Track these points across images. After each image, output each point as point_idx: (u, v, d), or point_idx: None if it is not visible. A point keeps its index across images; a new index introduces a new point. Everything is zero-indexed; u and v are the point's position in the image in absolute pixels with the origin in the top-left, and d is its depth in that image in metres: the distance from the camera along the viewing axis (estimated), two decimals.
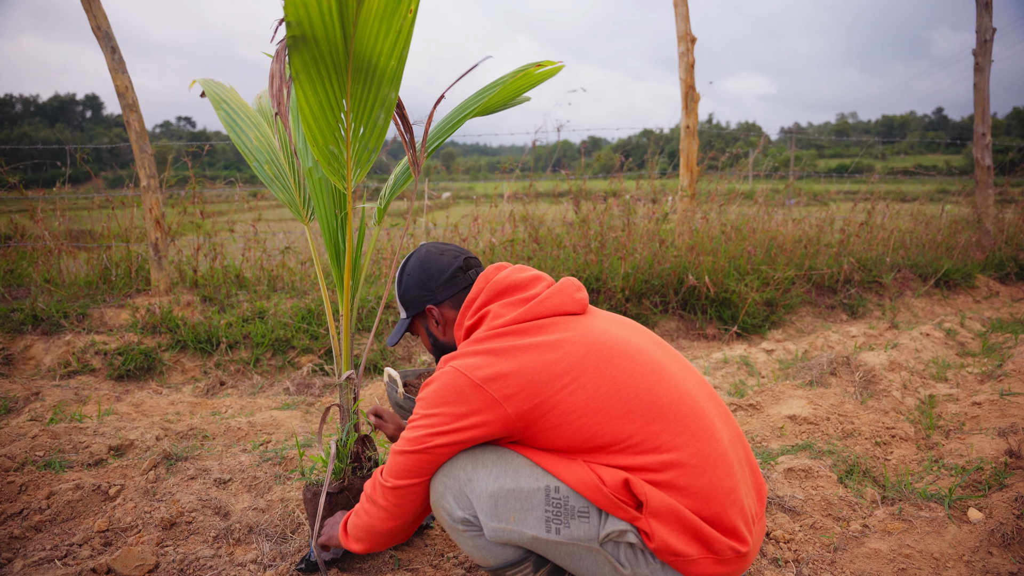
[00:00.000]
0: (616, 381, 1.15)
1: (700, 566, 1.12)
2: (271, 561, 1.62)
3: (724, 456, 1.16)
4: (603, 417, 1.14)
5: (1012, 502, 1.70)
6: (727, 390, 2.97)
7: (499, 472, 1.17)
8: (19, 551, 1.60)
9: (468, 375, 1.16)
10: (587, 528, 1.13)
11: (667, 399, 1.16)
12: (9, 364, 3.29)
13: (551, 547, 1.16)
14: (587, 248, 4.29)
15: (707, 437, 1.16)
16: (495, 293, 1.31)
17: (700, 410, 1.18)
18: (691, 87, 4.78)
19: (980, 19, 5.88)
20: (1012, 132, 28.56)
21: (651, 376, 1.18)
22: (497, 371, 1.15)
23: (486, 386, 1.14)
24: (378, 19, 1.20)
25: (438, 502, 1.22)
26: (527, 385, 1.14)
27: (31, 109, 49.19)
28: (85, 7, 3.67)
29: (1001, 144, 9.81)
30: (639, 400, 1.15)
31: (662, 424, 1.14)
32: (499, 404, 1.14)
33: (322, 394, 3.11)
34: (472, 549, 1.23)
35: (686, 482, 1.12)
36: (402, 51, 1.27)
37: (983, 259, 5.53)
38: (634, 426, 1.13)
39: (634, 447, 1.13)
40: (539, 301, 1.25)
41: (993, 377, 2.93)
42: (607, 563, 1.15)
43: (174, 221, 4.39)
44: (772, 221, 5.25)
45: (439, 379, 1.19)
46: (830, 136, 18.33)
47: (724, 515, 1.13)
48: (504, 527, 1.15)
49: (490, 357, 1.17)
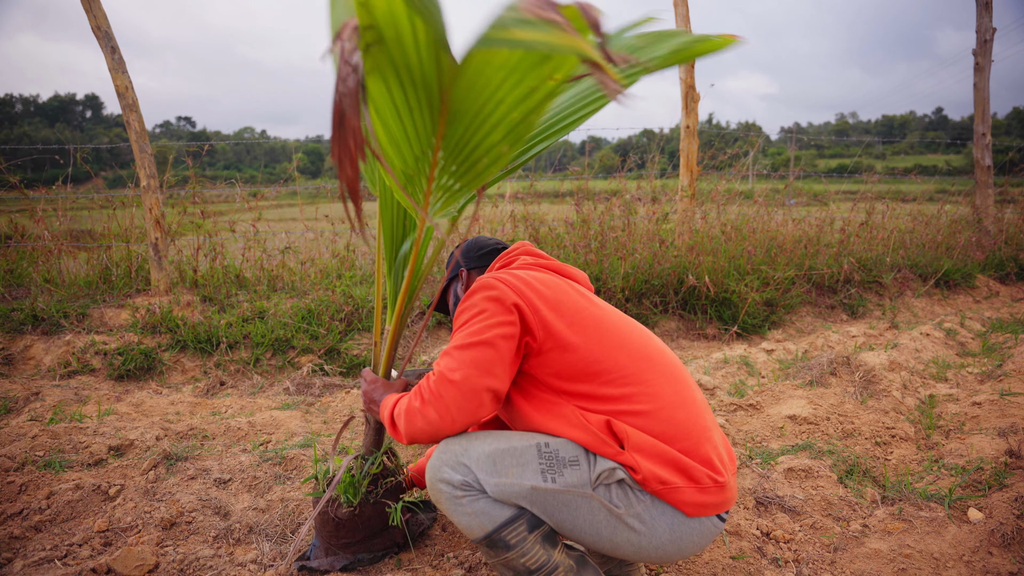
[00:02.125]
0: (615, 324, 1.35)
1: (685, 494, 1.21)
2: (271, 561, 1.62)
3: (697, 404, 1.31)
4: (605, 344, 1.29)
5: (1012, 502, 1.70)
6: (727, 390, 2.97)
7: (492, 439, 1.28)
8: (19, 551, 1.60)
9: (497, 284, 1.31)
10: (579, 474, 1.23)
11: (653, 352, 1.34)
12: (9, 364, 3.29)
13: (549, 497, 1.24)
14: (587, 248, 4.29)
15: (683, 386, 1.32)
16: (527, 252, 1.53)
17: (680, 371, 1.35)
18: (691, 87, 4.78)
19: (980, 19, 5.89)
20: (1012, 132, 28.55)
21: (643, 335, 1.38)
22: (523, 282, 1.32)
23: (513, 290, 1.29)
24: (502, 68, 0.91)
25: (436, 475, 1.27)
26: (548, 300, 1.31)
27: (31, 109, 49.19)
28: (85, 7, 3.67)
29: (1001, 144, 9.81)
30: (632, 343, 1.32)
31: (648, 364, 1.30)
32: (523, 309, 1.28)
33: (322, 394, 3.11)
34: (470, 516, 1.25)
35: (666, 415, 1.25)
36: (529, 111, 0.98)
37: (983, 259, 5.53)
38: (627, 360, 1.29)
39: (624, 378, 1.27)
40: (561, 264, 1.50)
41: (993, 377, 2.93)
42: (601, 507, 1.22)
43: (174, 221, 4.39)
44: (772, 221, 5.25)
45: (471, 292, 1.32)
46: (830, 136, 18.33)
47: (699, 448, 1.24)
48: (504, 480, 1.24)
49: (518, 273, 1.36)
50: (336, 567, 1.58)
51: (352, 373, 3.42)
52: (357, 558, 1.60)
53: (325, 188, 5.88)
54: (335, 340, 3.50)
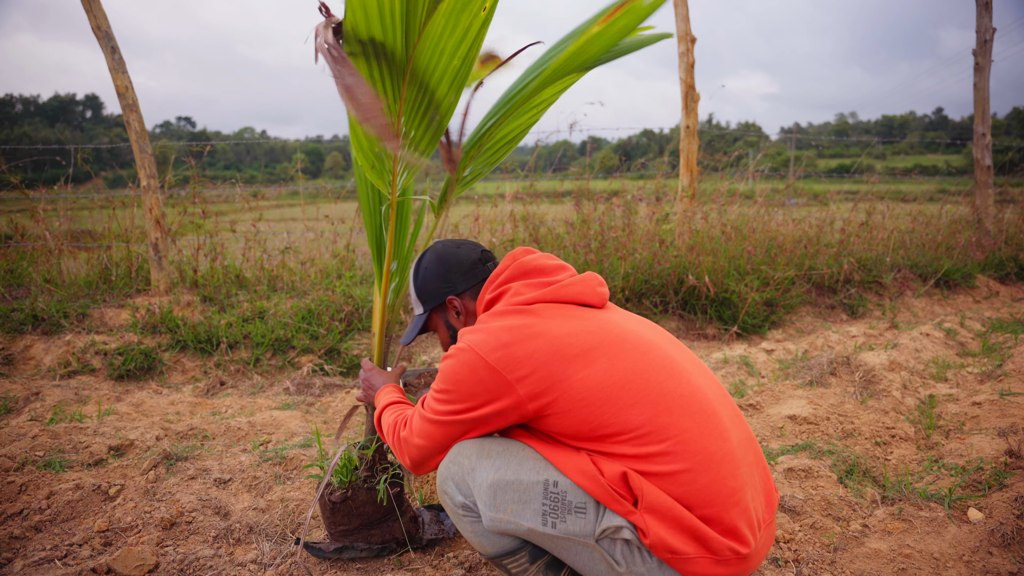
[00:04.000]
0: (628, 372, 1.16)
1: (698, 565, 1.10)
2: (271, 561, 1.62)
3: (730, 456, 1.15)
4: (612, 406, 1.14)
5: (1012, 502, 1.70)
6: (727, 390, 2.97)
7: (502, 464, 1.18)
8: (19, 551, 1.60)
9: (483, 355, 1.17)
10: (583, 524, 1.13)
11: (677, 394, 1.16)
12: (9, 364, 3.29)
13: (546, 540, 1.17)
14: (587, 248, 4.29)
15: (715, 435, 1.15)
16: (520, 272, 1.33)
17: (710, 408, 1.18)
18: (691, 87, 4.78)
19: (980, 19, 5.88)
20: (1012, 132, 28.56)
21: (663, 371, 1.18)
22: (510, 352, 1.16)
23: (499, 367, 1.16)
24: (444, 17, 1.07)
25: (441, 486, 1.26)
26: (539, 367, 1.15)
27: (31, 109, 49.22)
28: (85, 7, 3.67)
29: (1001, 144, 9.81)
30: (649, 392, 1.15)
31: (670, 418, 1.14)
32: (511, 386, 1.16)
33: (322, 394, 3.11)
34: (471, 534, 1.26)
35: (688, 478, 1.11)
36: (468, 50, 1.14)
37: (983, 259, 5.53)
38: (642, 417, 1.13)
39: (640, 438, 1.13)
40: (560, 286, 1.27)
41: (993, 377, 2.93)
42: (603, 560, 1.15)
43: (174, 221, 4.39)
44: (772, 221, 5.25)
45: (456, 355, 1.21)
46: (830, 136, 18.33)
47: (725, 515, 1.11)
48: (501, 517, 1.17)
49: (505, 334, 1.18)
50: (330, 549, 1.59)
51: (352, 373, 3.42)
52: (355, 547, 1.60)
53: (325, 188, 5.88)
54: (335, 340, 3.50)
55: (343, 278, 4.14)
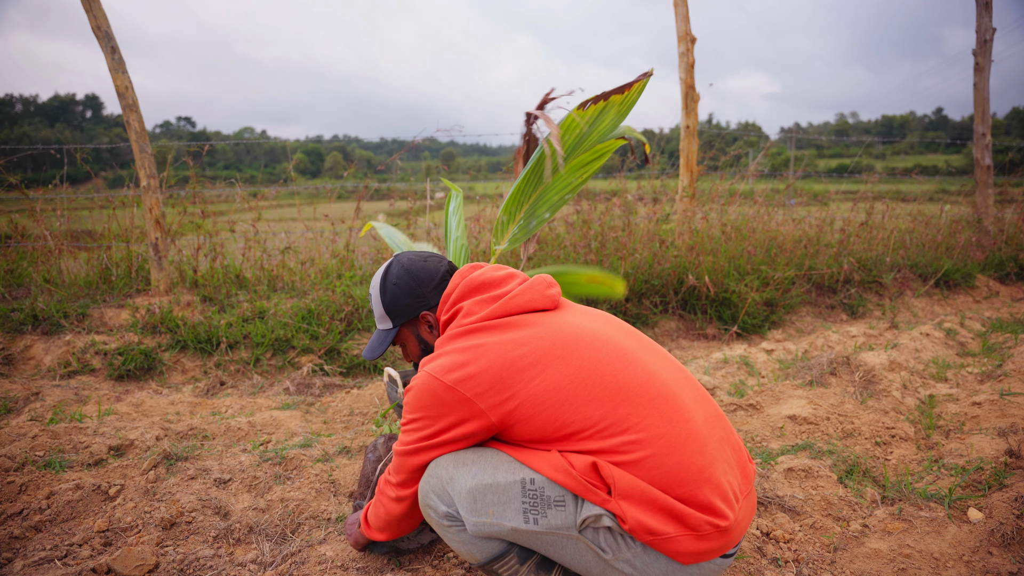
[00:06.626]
0: (581, 369, 1.20)
1: (680, 543, 1.13)
2: (271, 561, 1.62)
3: (695, 435, 1.18)
4: (570, 405, 1.18)
5: (1012, 502, 1.70)
6: (727, 390, 2.97)
7: (478, 470, 1.23)
8: (19, 551, 1.60)
9: (440, 379, 1.22)
10: (564, 516, 1.17)
11: (633, 383, 1.20)
12: (9, 364, 3.29)
13: (532, 537, 1.20)
14: (587, 248, 4.29)
15: (676, 417, 1.19)
16: (468, 290, 1.37)
17: (669, 392, 1.21)
18: (691, 87, 4.78)
19: (980, 19, 5.88)
20: (1012, 132, 28.56)
21: (617, 363, 1.22)
22: (467, 372, 1.21)
23: (458, 387, 1.21)
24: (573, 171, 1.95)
25: (424, 500, 1.28)
26: (495, 381, 1.20)
27: (31, 109, 49.20)
28: (85, 7, 3.67)
29: (1001, 144, 9.82)
30: (605, 387, 1.19)
31: (629, 408, 1.18)
32: (472, 402, 1.20)
33: (322, 394, 3.11)
34: (458, 544, 1.27)
35: (655, 462, 1.15)
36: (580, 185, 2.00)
37: (983, 259, 5.53)
38: (601, 411, 1.17)
39: (602, 431, 1.17)
40: (508, 299, 1.31)
41: (993, 377, 2.93)
42: (588, 550, 1.18)
43: (174, 221, 4.39)
44: (772, 221, 5.25)
45: (416, 385, 1.26)
46: (830, 136, 18.33)
47: (698, 492, 1.14)
48: (484, 520, 1.20)
49: (459, 356, 1.24)
50: (426, 542, 1.63)
51: (352, 373, 3.42)
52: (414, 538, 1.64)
53: (324, 188, 5.88)
54: (335, 340, 3.50)
55: (343, 278, 4.14)
